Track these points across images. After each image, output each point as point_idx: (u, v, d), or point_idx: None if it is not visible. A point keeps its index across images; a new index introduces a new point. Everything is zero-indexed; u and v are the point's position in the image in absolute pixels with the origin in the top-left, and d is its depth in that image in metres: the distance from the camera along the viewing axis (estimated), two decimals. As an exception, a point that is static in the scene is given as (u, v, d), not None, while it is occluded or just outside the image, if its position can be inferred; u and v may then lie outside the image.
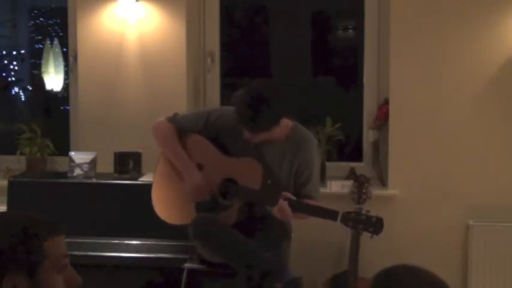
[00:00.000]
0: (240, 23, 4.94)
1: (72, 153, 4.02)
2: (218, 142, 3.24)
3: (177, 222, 3.25)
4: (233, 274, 3.11)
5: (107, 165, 3.99)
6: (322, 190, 3.85)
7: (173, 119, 3.30)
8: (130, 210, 3.70)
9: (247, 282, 3.00)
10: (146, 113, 4.09)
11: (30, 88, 5.69)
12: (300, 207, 3.06)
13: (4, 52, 5.70)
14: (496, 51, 3.86)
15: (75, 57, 4.25)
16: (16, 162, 4.29)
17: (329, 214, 3.02)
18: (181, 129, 3.28)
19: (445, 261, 3.94)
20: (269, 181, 3.12)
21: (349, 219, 2.95)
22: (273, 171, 3.16)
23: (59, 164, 4.30)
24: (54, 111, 5.18)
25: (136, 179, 3.88)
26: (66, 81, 5.08)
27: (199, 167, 3.24)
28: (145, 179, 3.87)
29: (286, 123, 3.18)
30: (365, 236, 3.74)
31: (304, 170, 3.18)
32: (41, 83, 5.19)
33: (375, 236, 2.96)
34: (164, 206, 3.31)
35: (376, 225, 2.93)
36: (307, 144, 3.20)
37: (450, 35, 3.89)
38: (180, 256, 3.42)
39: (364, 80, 4.21)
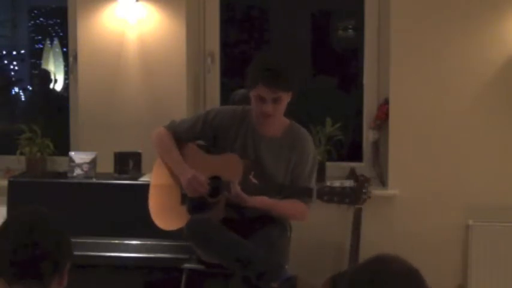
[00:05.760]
0: (240, 23, 4.94)
1: (72, 153, 4.02)
2: (215, 142, 3.24)
3: (173, 227, 3.24)
4: (233, 274, 3.11)
5: (107, 165, 3.98)
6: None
7: (170, 127, 3.31)
8: (130, 210, 3.69)
9: (243, 283, 3.00)
10: (146, 113, 4.10)
11: (30, 88, 5.70)
12: (271, 190, 3.05)
13: (4, 52, 5.70)
14: (497, 51, 3.86)
15: (75, 57, 4.24)
16: (16, 162, 4.29)
17: (304, 192, 3.02)
18: (179, 134, 3.28)
19: (445, 261, 3.95)
20: (252, 172, 3.10)
21: (324, 193, 2.91)
22: (261, 165, 3.14)
23: (59, 164, 4.30)
24: (54, 111, 5.18)
25: (136, 179, 3.88)
26: (66, 81, 5.09)
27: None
28: (145, 179, 3.86)
29: (284, 121, 3.21)
30: (365, 236, 3.76)
31: (296, 166, 3.18)
32: (46, 78, 5.19)
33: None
34: (160, 214, 3.31)
35: (351, 196, 2.89)
36: (302, 141, 3.21)
37: (450, 35, 3.89)
38: (180, 256, 3.42)
39: (364, 80, 4.21)
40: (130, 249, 3.65)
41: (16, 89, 5.74)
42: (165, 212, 3.30)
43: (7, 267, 1.67)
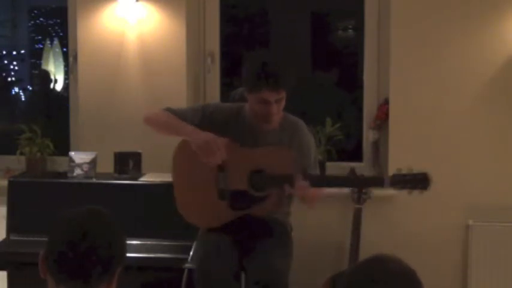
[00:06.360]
0: (240, 22, 4.94)
1: (72, 153, 4.02)
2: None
3: (216, 224, 3.17)
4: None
5: (107, 165, 3.98)
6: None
7: (170, 110, 3.21)
8: (130, 210, 3.69)
9: None
10: (146, 113, 4.09)
11: (30, 88, 5.70)
12: (345, 181, 3.13)
13: (4, 52, 5.71)
14: (497, 51, 3.86)
15: (75, 57, 4.24)
16: (16, 162, 4.29)
17: (374, 182, 3.19)
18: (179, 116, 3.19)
19: (445, 261, 3.95)
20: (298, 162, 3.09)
21: (397, 182, 3.04)
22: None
23: (59, 164, 4.30)
24: (54, 111, 5.19)
25: (136, 179, 3.88)
26: (66, 81, 5.09)
27: (222, 165, 3.10)
28: (145, 179, 3.87)
29: None
30: (365, 236, 3.76)
31: (301, 155, 3.16)
32: (46, 78, 5.19)
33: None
34: (197, 213, 3.21)
35: (423, 182, 3.04)
36: (299, 129, 3.21)
37: (450, 35, 3.89)
38: (180, 256, 3.42)
39: (364, 79, 4.21)
40: (131, 249, 3.61)
41: (16, 89, 5.74)
42: (203, 210, 3.21)
43: (56, 267, 1.64)
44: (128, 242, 3.87)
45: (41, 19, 5.76)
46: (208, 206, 3.20)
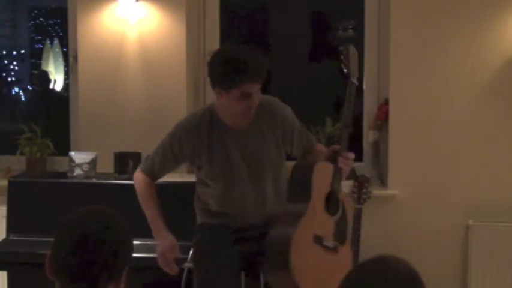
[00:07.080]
0: (240, 22, 4.94)
1: (72, 153, 4.02)
2: (198, 163, 3.07)
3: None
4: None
5: (107, 165, 3.98)
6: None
7: (144, 166, 3.15)
8: (130, 210, 3.67)
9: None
10: (146, 113, 4.10)
11: (30, 88, 5.70)
12: (343, 135, 3.07)
13: (4, 52, 5.71)
14: (496, 51, 3.86)
15: (75, 57, 4.24)
16: (16, 162, 4.29)
17: (350, 90, 3.18)
18: (155, 172, 3.14)
19: (445, 261, 3.95)
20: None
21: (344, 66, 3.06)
22: (253, 155, 3.04)
23: (59, 164, 4.30)
24: (54, 111, 5.19)
25: (136, 179, 3.87)
26: (66, 81, 5.09)
27: (318, 238, 2.93)
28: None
29: None
30: (365, 236, 3.76)
31: (292, 131, 3.08)
32: (46, 78, 5.19)
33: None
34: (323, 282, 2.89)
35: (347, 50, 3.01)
36: (276, 106, 3.09)
37: (450, 35, 3.89)
38: (180, 256, 3.41)
39: (364, 79, 4.21)
40: (131, 249, 3.65)
41: (16, 89, 5.75)
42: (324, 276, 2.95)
43: (61, 270, 1.62)
44: (128, 242, 3.81)
45: (41, 19, 5.76)
46: (323, 267, 2.97)
